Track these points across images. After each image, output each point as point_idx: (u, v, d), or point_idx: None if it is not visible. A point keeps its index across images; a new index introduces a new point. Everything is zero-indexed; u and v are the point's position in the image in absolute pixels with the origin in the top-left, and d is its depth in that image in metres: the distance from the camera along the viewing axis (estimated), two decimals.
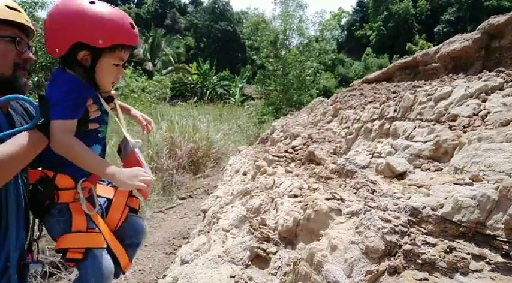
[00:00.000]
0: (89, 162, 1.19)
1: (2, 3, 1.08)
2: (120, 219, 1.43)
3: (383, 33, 39.49)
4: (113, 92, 1.35)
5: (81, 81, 1.20)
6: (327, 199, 1.73)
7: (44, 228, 1.33)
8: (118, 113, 1.39)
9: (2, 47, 1.08)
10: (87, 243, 1.30)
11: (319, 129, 4.21)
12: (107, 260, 1.31)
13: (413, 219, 1.15)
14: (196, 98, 19.84)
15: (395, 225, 1.15)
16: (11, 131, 1.06)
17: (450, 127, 1.91)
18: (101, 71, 1.21)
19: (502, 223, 0.98)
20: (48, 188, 1.25)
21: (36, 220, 1.31)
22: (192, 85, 24.53)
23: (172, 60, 26.55)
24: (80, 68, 1.20)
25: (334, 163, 2.51)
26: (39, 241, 1.34)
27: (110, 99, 1.33)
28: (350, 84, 8.08)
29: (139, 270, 3.46)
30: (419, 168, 1.79)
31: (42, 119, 1.09)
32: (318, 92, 16.59)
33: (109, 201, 1.46)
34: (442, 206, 1.12)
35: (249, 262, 1.77)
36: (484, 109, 1.89)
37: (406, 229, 1.13)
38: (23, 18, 1.12)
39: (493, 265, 0.94)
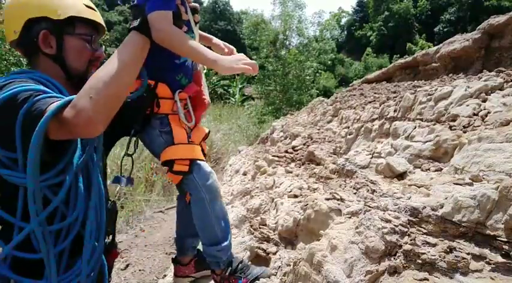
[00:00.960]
0: (192, 47, 1.19)
1: (80, 2, 1.10)
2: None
3: (383, 33, 39.48)
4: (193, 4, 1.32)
5: None
6: (327, 199, 1.73)
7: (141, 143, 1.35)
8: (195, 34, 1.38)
9: (79, 44, 1.11)
10: (192, 154, 1.34)
11: (319, 129, 4.21)
12: (210, 170, 1.38)
13: (413, 219, 1.15)
14: None
15: (395, 225, 1.15)
16: None
17: (450, 127, 1.91)
18: None
19: (502, 223, 0.98)
20: (151, 94, 1.28)
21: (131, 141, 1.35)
22: None
23: None
24: None
25: (334, 163, 2.51)
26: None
27: (195, 11, 1.35)
28: (350, 84, 8.08)
29: (139, 270, 3.46)
30: (419, 168, 1.79)
31: (139, 20, 1.10)
32: (318, 92, 16.59)
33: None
34: (442, 206, 1.12)
35: (249, 262, 1.77)
36: (484, 109, 1.89)
37: (406, 229, 1.13)
38: (97, 16, 1.14)
39: (493, 265, 0.94)
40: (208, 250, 1.40)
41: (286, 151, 3.43)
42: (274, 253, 1.81)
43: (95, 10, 1.15)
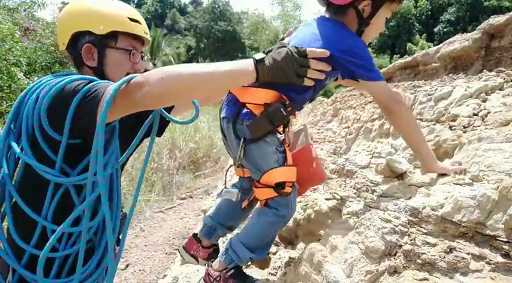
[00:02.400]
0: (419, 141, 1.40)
1: (124, 15, 1.13)
2: None
3: (384, 33, 39.43)
4: None
5: None
6: (327, 199, 1.73)
7: (244, 156, 1.33)
8: None
9: (118, 57, 1.13)
10: (295, 177, 1.37)
11: (319, 129, 4.21)
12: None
13: (413, 219, 1.15)
14: None
15: (395, 225, 1.15)
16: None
17: (450, 127, 1.91)
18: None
19: (502, 223, 0.98)
20: (288, 113, 1.28)
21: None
22: None
23: (173, 60, 26.55)
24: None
25: (334, 163, 2.51)
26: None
27: None
28: None
29: (139, 270, 3.46)
30: (420, 168, 1.79)
31: (264, 56, 1.11)
32: None
33: None
34: (442, 206, 1.12)
35: (249, 262, 1.77)
36: (484, 109, 1.89)
37: (406, 229, 1.13)
38: (141, 30, 1.16)
39: (493, 265, 0.94)
40: (238, 246, 1.41)
41: None
42: (274, 253, 1.81)
43: (139, 22, 1.16)
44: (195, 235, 1.63)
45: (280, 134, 1.39)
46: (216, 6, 43.43)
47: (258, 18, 15.73)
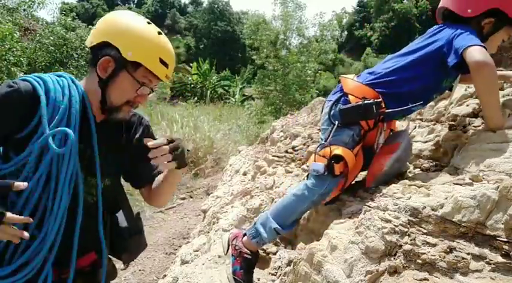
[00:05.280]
0: (495, 100, 1.41)
1: (157, 55, 1.10)
2: None
3: (385, 33, 39.45)
4: None
5: None
6: None
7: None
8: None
9: (127, 84, 1.11)
10: (351, 164, 1.52)
11: (319, 129, 4.20)
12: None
13: (413, 219, 1.15)
14: (196, 98, 19.84)
15: (395, 225, 1.15)
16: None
17: (450, 127, 1.90)
18: None
19: (502, 223, 0.98)
20: (378, 112, 1.49)
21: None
22: (192, 85, 24.53)
23: None
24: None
25: None
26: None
27: None
28: None
29: (139, 270, 3.46)
30: (419, 168, 1.79)
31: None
32: (318, 92, 16.57)
33: None
34: (442, 206, 1.12)
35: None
36: None
37: (406, 229, 1.13)
38: (163, 73, 1.13)
39: (493, 265, 0.94)
40: (268, 221, 1.55)
41: (286, 151, 3.43)
42: (274, 253, 1.81)
43: (167, 66, 1.14)
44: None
45: (366, 131, 1.56)
46: (216, 6, 43.42)
47: (258, 18, 15.66)
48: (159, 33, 1.13)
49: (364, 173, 2.11)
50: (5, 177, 1.01)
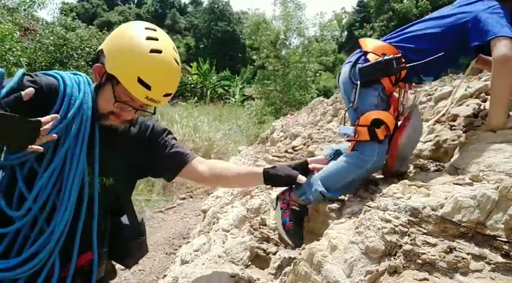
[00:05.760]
0: (507, 98, 1.40)
1: (136, 73, 1.02)
2: None
3: (385, 33, 39.39)
4: None
5: None
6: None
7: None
8: None
9: (107, 95, 1.08)
10: (392, 124, 1.49)
11: (319, 129, 4.21)
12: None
13: (413, 219, 1.15)
14: (196, 98, 19.84)
15: (395, 225, 1.15)
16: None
17: (450, 127, 1.91)
18: None
19: (502, 223, 0.98)
20: (399, 67, 1.49)
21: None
22: (192, 85, 24.52)
23: None
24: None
25: None
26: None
27: None
28: None
29: (139, 270, 3.46)
30: (419, 168, 1.79)
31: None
32: (318, 92, 16.57)
33: None
34: (442, 206, 1.12)
35: (249, 262, 1.77)
36: (484, 109, 1.89)
37: (406, 229, 1.13)
38: (143, 95, 1.04)
39: (493, 265, 0.94)
40: (315, 183, 1.53)
41: (286, 151, 3.43)
42: (274, 253, 1.81)
43: (149, 88, 1.03)
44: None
45: (389, 88, 1.54)
46: (216, 6, 43.41)
47: (259, 18, 15.67)
48: (158, 51, 1.02)
49: None
50: (9, 167, 1.03)
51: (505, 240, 0.96)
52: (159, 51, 1.02)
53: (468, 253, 0.99)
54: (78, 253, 1.13)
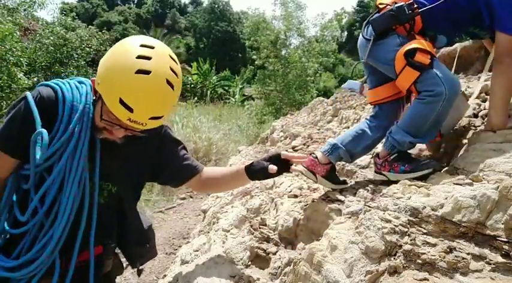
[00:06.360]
0: (508, 98, 1.37)
1: (118, 94, 0.95)
2: None
3: None
4: None
5: None
6: (327, 199, 1.73)
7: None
8: None
9: (98, 109, 1.07)
10: (432, 50, 1.40)
11: (319, 129, 4.21)
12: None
13: (413, 219, 1.15)
14: (196, 98, 19.84)
15: (395, 225, 1.15)
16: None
17: None
18: None
19: (502, 223, 0.98)
20: (412, 13, 1.42)
21: None
22: (192, 85, 24.52)
23: None
24: None
25: None
26: None
27: None
28: None
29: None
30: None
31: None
32: (318, 92, 16.57)
33: None
34: (442, 206, 1.12)
35: (249, 262, 1.77)
36: (484, 109, 1.89)
37: (406, 229, 1.13)
38: (125, 116, 0.98)
39: (493, 265, 0.94)
40: (397, 132, 1.47)
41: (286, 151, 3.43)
42: (274, 253, 1.81)
43: (132, 110, 0.95)
44: (312, 153, 1.72)
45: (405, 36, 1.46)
46: (216, 6, 43.43)
47: (258, 18, 15.67)
48: (146, 72, 0.93)
49: (365, 171, 2.11)
50: (28, 177, 1.09)
51: (505, 240, 0.96)
52: (147, 72, 0.94)
53: (468, 253, 0.99)
54: (80, 250, 1.17)
